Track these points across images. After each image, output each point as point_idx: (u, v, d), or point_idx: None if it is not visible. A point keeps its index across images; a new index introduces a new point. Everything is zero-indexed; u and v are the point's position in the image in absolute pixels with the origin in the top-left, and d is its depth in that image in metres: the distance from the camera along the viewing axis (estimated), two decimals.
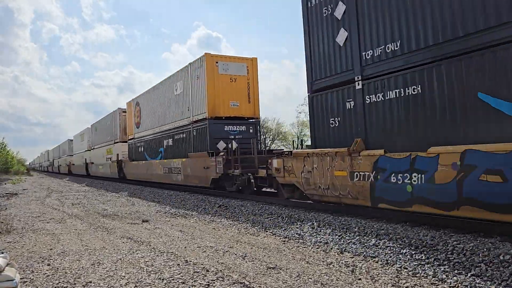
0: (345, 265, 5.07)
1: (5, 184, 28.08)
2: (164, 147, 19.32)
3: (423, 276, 4.54)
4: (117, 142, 27.40)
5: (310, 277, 4.58)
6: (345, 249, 5.90)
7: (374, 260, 5.25)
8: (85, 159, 38.11)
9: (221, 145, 14.65)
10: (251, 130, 15.26)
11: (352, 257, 5.46)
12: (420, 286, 4.24)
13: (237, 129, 15.10)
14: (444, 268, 4.73)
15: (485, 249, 5.09)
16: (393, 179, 7.08)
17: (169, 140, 18.79)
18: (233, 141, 14.38)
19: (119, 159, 26.59)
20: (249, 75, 15.45)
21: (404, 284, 4.29)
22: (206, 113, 14.94)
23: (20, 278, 4.68)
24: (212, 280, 4.52)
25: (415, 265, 4.93)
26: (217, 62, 15.01)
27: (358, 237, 6.52)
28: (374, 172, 7.48)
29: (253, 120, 15.56)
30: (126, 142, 26.24)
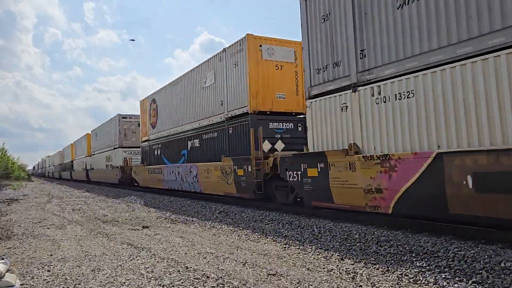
0: (345, 272, 5.06)
1: (6, 189, 28.08)
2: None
3: (424, 283, 4.52)
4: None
5: (310, 284, 4.56)
6: (346, 256, 5.88)
7: (374, 267, 5.23)
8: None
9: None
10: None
11: (353, 264, 5.44)
12: None
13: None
14: (445, 275, 4.72)
15: (486, 256, 5.08)
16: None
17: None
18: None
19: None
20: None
21: None
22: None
23: (21, 284, 4.68)
24: (212, 286, 4.51)
25: (416, 272, 4.92)
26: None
27: (359, 243, 6.51)
28: None
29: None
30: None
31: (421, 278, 4.66)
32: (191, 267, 5.33)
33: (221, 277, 4.86)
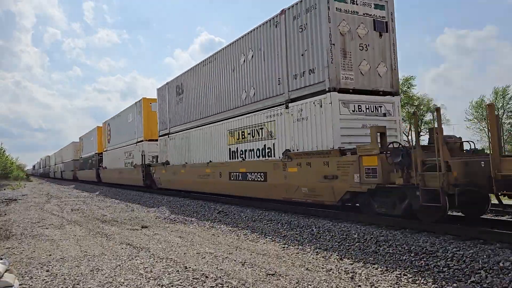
0: (344, 271, 5.06)
1: (4, 189, 28.03)
2: None
3: (423, 283, 4.53)
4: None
5: (309, 283, 4.56)
6: (345, 256, 5.89)
7: (373, 267, 5.24)
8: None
9: None
10: None
11: (352, 264, 5.45)
12: None
13: None
14: (444, 275, 4.73)
15: (484, 256, 5.08)
16: None
17: None
18: None
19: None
20: None
21: None
22: None
23: (19, 284, 4.67)
24: (211, 286, 4.51)
25: (415, 271, 4.92)
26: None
27: (358, 243, 6.51)
28: None
29: None
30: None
31: (420, 278, 4.67)
32: (190, 267, 5.33)
33: (220, 277, 4.86)
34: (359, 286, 4.49)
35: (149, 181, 20.53)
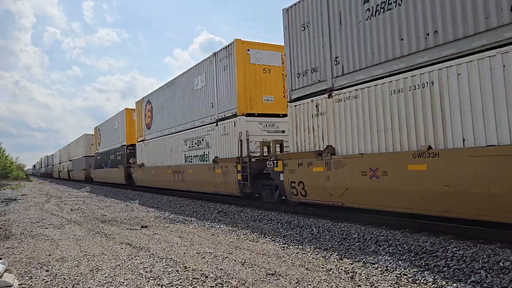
0: (344, 271, 5.06)
1: (4, 189, 28.01)
2: None
3: (423, 282, 4.52)
4: None
5: (309, 283, 4.56)
6: (345, 256, 5.88)
7: (373, 267, 5.23)
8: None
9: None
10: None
11: (352, 264, 5.44)
12: None
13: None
14: (444, 275, 4.73)
15: (485, 256, 5.08)
16: None
17: None
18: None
19: None
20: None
21: None
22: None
23: (19, 284, 4.67)
24: (211, 286, 4.51)
25: (414, 271, 4.92)
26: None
27: (358, 243, 6.51)
28: None
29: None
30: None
31: (420, 278, 4.66)
32: (190, 267, 5.33)
33: (220, 276, 4.85)
34: (359, 286, 4.48)
35: (253, 188, 11.86)
